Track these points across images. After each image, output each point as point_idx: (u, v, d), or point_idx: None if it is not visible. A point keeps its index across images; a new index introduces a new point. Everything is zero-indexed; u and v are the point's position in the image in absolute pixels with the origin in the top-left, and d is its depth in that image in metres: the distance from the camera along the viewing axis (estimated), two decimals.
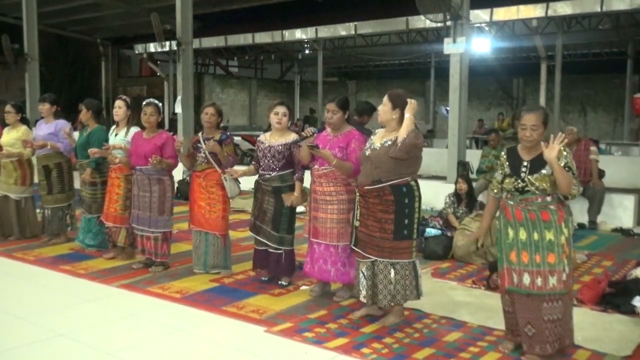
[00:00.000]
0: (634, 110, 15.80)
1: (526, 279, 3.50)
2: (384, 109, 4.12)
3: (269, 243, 4.97)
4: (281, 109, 4.91)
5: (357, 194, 4.19)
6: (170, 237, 5.59)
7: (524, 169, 3.55)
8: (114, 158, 5.65)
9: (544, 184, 3.48)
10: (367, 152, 4.14)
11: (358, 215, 4.17)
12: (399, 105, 4.08)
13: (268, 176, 4.92)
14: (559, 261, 3.47)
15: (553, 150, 3.39)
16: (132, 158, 5.49)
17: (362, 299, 4.21)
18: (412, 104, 4.02)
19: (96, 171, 6.01)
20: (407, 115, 3.99)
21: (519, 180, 3.54)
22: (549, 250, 3.47)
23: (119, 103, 5.83)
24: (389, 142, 4.03)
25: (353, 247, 4.22)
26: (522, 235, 3.53)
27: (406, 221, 4.04)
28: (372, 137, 4.27)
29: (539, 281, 3.47)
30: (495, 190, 3.78)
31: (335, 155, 4.47)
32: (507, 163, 3.65)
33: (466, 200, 6.69)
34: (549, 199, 3.50)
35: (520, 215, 3.54)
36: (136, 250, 5.77)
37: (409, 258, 4.10)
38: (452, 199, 6.74)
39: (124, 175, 5.71)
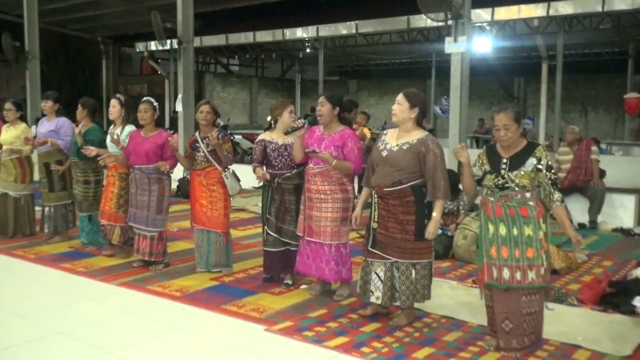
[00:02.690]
0: (625, 111, 15.87)
1: (506, 274, 3.58)
2: (401, 108, 4.02)
3: (292, 242, 4.93)
4: (293, 108, 4.97)
5: (375, 196, 4.11)
6: (165, 236, 5.58)
7: (503, 166, 3.59)
8: (109, 158, 5.64)
9: (524, 181, 3.53)
10: (384, 153, 4.04)
11: (376, 217, 4.09)
12: (416, 104, 4.02)
13: (289, 174, 4.88)
14: (537, 256, 3.55)
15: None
16: (130, 157, 5.49)
17: (374, 299, 4.14)
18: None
19: (91, 170, 6.07)
20: (435, 215, 3.95)
21: (499, 177, 3.59)
22: (528, 245, 3.54)
23: (113, 102, 5.86)
24: (407, 145, 3.97)
25: (370, 249, 4.13)
26: (502, 230, 3.59)
27: (426, 221, 3.99)
28: (383, 136, 4.19)
29: (518, 275, 3.55)
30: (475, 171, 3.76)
31: (331, 154, 4.46)
32: (487, 160, 3.68)
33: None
34: (528, 195, 3.56)
35: (500, 211, 3.60)
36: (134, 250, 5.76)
37: (428, 258, 4.10)
38: None
39: (119, 173, 5.72)
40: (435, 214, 3.95)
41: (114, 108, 5.82)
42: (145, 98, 5.53)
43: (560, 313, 4.41)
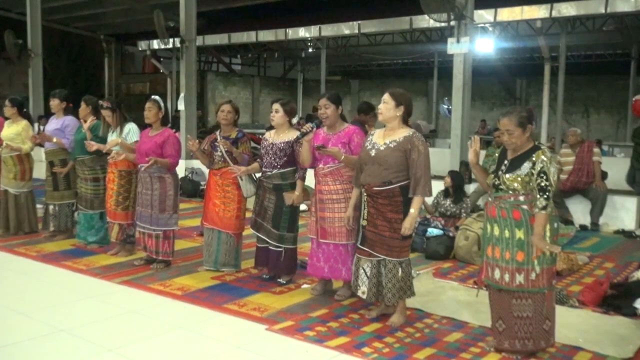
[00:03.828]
0: (634, 113, 15.83)
1: (496, 274, 3.59)
2: (387, 106, 4.07)
3: (269, 240, 4.97)
4: (274, 106, 4.94)
5: (364, 194, 4.15)
6: (174, 235, 5.57)
7: (503, 167, 3.60)
8: (118, 155, 5.66)
9: (515, 184, 3.51)
10: (372, 153, 4.09)
11: (366, 214, 4.14)
12: (402, 102, 4.06)
13: (269, 173, 4.93)
14: (528, 260, 3.50)
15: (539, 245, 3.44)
16: (137, 155, 5.52)
17: (359, 293, 4.22)
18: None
19: (99, 167, 6.08)
20: (412, 211, 3.99)
21: (496, 178, 3.60)
22: (519, 249, 3.52)
23: (105, 112, 5.81)
24: (394, 143, 4.03)
25: (360, 246, 4.19)
26: (496, 231, 3.60)
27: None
28: (371, 136, 4.23)
29: (506, 277, 3.55)
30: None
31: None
32: (498, 160, 3.71)
33: (453, 195, 6.88)
34: (522, 198, 3.52)
35: (494, 212, 3.60)
36: (138, 247, 5.78)
37: (408, 256, 4.18)
38: (440, 193, 6.98)
39: (118, 170, 5.73)
40: (412, 210, 3.99)
41: (109, 117, 5.81)
42: (151, 97, 5.54)
43: (561, 315, 4.40)
